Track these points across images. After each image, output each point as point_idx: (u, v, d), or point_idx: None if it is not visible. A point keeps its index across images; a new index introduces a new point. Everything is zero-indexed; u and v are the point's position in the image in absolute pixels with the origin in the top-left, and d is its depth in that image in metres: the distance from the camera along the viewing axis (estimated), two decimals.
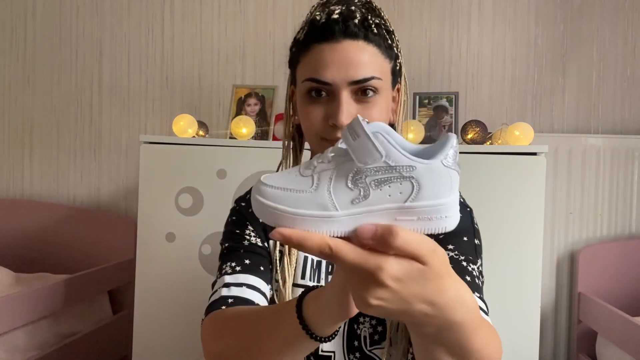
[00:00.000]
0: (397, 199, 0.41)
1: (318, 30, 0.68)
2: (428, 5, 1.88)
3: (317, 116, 0.70)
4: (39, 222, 1.99)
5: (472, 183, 1.26)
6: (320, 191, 0.41)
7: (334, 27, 0.67)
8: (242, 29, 1.94)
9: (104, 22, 2.02)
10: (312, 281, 0.78)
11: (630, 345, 1.36)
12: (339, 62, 0.67)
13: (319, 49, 0.68)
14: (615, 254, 1.73)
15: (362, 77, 0.67)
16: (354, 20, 0.67)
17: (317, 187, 0.42)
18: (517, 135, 1.34)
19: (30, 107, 2.08)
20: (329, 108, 0.69)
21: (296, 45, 0.73)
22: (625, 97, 1.87)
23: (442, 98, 1.51)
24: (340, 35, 0.67)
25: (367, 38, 0.68)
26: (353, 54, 0.67)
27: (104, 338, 1.72)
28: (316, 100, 0.70)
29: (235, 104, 1.61)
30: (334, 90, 0.68)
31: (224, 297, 0.72)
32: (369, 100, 0.69)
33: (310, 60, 0.70)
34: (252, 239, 0.80)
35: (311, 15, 0.73)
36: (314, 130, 0.71)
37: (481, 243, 0.80)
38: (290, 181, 0.42)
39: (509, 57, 1.88)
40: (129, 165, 2.02)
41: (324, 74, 0.67)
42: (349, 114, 0.67)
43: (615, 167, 1.77)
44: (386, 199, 0.41)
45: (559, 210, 1.77)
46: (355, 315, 0.74)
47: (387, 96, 0.72)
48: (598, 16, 1.86)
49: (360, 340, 0.76)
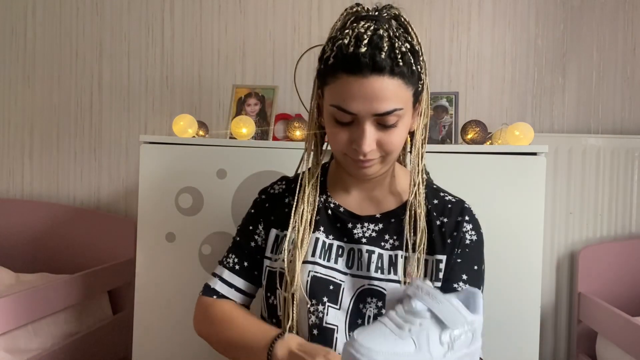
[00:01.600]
0: (465, 346, 0.55)
1: (347, 60, 0.72)
2: (428, 5, 1.88)
3: (342, 138, 0.78)
4: (39, 222, 1.98)
5: (472, 183, 1.26)
6: (422, 351, 0.51)
7: (361, 61, 0.71)
8: (242, 29, 1.94)
9: (104, 22, 2.02)
10: (321, 259, 0.84)
11: (630, 345, 1.36)
12: (364, 95, 0.73)
13: (346, 80, 0.73)
14: (615, 254, 1.73)
15: (385, 110, 0.73)
16: (381, 54, 0.71)
17: (420, 348, 0.51)
18: (517, 135, 1.34)
19: (30, 107, 2.08)
20: (353, 133, 0.77)
21: (325, 64, 0.77)
22: (625, 97, 1.87)
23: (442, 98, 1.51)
24: (367, 71, 0.71)
25: (392, 72, 0.72)
26: (378, 89, 0.72)
27: (104, 338, 1.72)
28: (342, 125, 0.77)
29: (235, 104, 1.61)
30: (358, 120, 0.75)
31: (216, 290, 0.91)
32: (390, 128, 0.76)
33: (337, 89, 0.75)
34: (258, 240, 0.92)
35: (340, 34, 0.76)
36: (339, 148, 0.80)
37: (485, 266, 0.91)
38: (392, 344, 0.51)
39: (509, 57, 1.88)
40: (129, 165, 2.02)
41: (350, 106, 0.74)
42: (371, 141, 0.76)
43: (615, 167, 1.77)
44: (460, 346, 0.55)
45: (559, 210, 1.77)
46: (363, 295, 0.82)
47: (407, 119, 0.79)
48: (598, 16, 1.86)
49: (365, 320, 0.81)
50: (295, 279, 0.80)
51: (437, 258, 0.84)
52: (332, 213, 0.88)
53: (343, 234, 0.86)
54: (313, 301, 0.81)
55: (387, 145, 0.77)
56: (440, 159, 1.28)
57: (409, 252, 0.82)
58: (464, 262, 0.85)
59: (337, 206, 0.89)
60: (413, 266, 0.81)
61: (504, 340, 1.25)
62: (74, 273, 1.62)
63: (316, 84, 0.84)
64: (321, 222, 0.87)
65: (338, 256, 0.85)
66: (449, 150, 1.30)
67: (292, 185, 0.93)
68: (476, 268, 0.86)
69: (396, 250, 0.83)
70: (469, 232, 0.87)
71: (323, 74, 0.78)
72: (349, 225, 0.86)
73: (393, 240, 0.85)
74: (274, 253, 0.89)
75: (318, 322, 0.80)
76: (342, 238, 0.86)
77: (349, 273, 0.83)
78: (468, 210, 0.89)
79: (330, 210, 0.88)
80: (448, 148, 1.32)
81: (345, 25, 0.77)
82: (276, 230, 0.90)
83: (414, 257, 0.81)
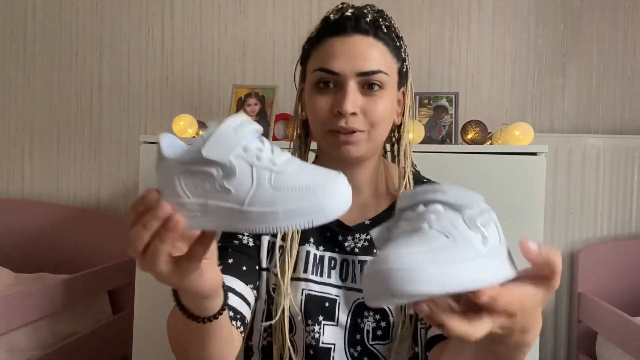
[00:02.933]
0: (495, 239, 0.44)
1: (330, 25, 0.73)
2: (428, 5, 1.88)
3: (323, 106, 0.73)
4: (39, 222, 1.98)
5: (472, 183, 1.26)
6: (459, 240, 0.41)
7: (345, 22, 0.72)
8: (242, 29, 1.94)
9: (104, 22, 2.02)
10: (314, 275, 0.79)
11: (630, 345, 1.36)
12: (348, 53, 0.71)
13: (330, 42, 0.73)
14: (615, 254, 1.73)
15: (370, 69, 0.71)
16: (365, 19, 0.72)
17: (454, 238, 0.41)
18: (517, 135, 1.34)
19: (30, 107, 2.08)
20: (336, 98, 0.73)
21: (309, 42, 0.78)
22: (625, 97, 1.87)
23: (442, 98, 1.51)
24: (351, 30, 0.72)
25: (376, 35, 0.73)
26: (362, 47, 0.72)
27: (104, 338, 1.71)
28: (324, 91, 0.74)
29: (235, 104, 1.61)
30: (341, 81, 0.72)
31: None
32: (375, 94, 0.73)
33: (321, 53, 0.74)
34: (243, 239, 0.81)
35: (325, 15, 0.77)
36: (320, 120, 0.74)
37: None
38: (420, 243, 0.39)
39: (509, 57, 1.88)
40: (129, 165, 2.02)
41: (332, 64, 0.71)
42: (354, 102, 0.71)
43: (615, 167, 1.77)
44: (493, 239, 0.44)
45: (558, 210, 1.77)
46: (359, 309, 0.78)
47: (392, 94, 0.76)
48: (598, 16, 1.86)
49: (363, 334, 0.78)
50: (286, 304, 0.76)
51: None
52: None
53: (334, 244, 0.82)
54: (309, 321, 0.77)
55: (372, 112, 0.72)
56: (440, 159, 1.28)
57: None
58: None
59: None
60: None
61: None
62: (74, 273, 1.62)
63: (300, 76, 0.82)
64: (310, 233, 0.82)
65: (331, 269, 0.80)
66: (449, 150, 1.30)
67: None
68: None
69: None
70: None
71: (307, 49, 0.78)
72: (339, 237, 0.81)
73: None
74: (270, 263, 0.82)
75: (314, 343, 0.77)
76: (333, 249, 0.81)
77: (343, 286, 0.80)
78: None
79: None
80: (448, 148, 1.32)
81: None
82: (268, 237, 0.83)
83: None
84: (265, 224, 0.41)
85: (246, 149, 0.43)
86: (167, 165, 0.43)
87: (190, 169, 0.42)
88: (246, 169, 0.42)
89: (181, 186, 0.42)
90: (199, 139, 0.43)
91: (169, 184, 0.43)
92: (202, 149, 0.42)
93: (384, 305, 0.42)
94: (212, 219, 0.42)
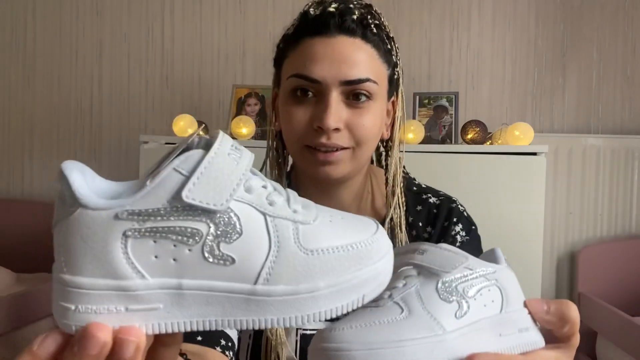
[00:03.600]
0: (492, 309, 0.36)
1: (310, 23, 0.61)
2: (428, 5, 1.88)
3: (300, 119, 0.61)
4: (39, 222, 1.98)
5: (472, 183, 1.26)
6: (415, 314, 0.33)
7: (328, 20, 0.60)
8: (242, 29, 1.94)
9: (104, 22, 2.02)
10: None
11: (630, 345, 1.36)
12: (331, 57, 0.59)
13: (309, 43, 0.61)
14: (615, 254, 1.73)
15: (357, 77, 0.59)
16: (351, 16, 0.60)
17: (410, 310, 0.33)
18: (517, 135, 1.34)
19: (30, 107, 2.08)
20: (315, 110, 0.61)
21: (284, 40, 0.66)
22: (625, 97, 1.87)
23: (442, 98, 1.51)
24: (335, 30, 0.60)
25: (365, 37, 0.61)
26: (348, 50, 0.59)
27: None
28: (301, 101, 0.62)
29: (235, 104, 1.61)
30: (322, 90, 0.60)
31: None
32: (362, 106, 0.61)
33: (298, 55, 0.62)
34: None
35: (304, 10, 0.65)
36: (296, 135, 0.62)
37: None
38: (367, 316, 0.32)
39: (509, 57, 1.88)
40: (129, 165, 2.02)
41: (312, 70, 0.59)
42: (338, 116, 0.59)
43: (615, 167, 1.77)
44: (483, 309, 0.36)
45: (559, 210, 1.77)
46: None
47: (381, 105, 0.65)
48: (598, 16, 1.86)
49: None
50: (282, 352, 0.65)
51: None
52: None
53: None
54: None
55: (358, 128, 0.61)
56: (440, 159, 1.28)
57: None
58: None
59: None
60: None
61: None
62: None
63: (273, 80, 0.71)
64: None
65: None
66: (449, 150, 1.30)
67: None
68: None
69: None
70: (459, 234, 0.74)
71: (282, 50, 0.66)
72: None
73: None
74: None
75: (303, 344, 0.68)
76: None
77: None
78: (455, 210, 0.75)
79: None
80: (448, 148, 1.32)
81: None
82: None
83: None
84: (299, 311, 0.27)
85: (250, 190, 0.28)
86: (90, 221, 0.27)
87: (150, 227, 0.26)
88: (257, 221, 0.27)
89: (128, 258, 0.26)
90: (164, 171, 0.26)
91: (97, 254, 0.27)
92: (182, 189, 0.26)
93: None
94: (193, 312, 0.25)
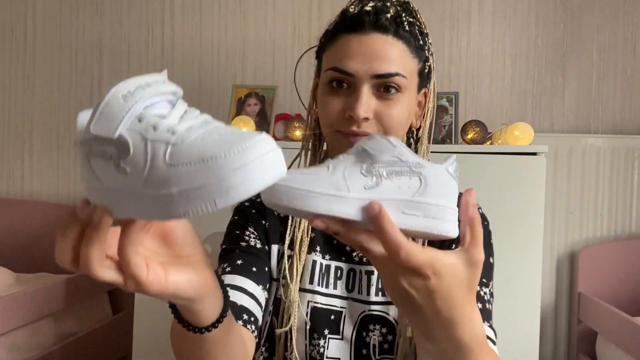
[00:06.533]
0: (405, 193, 0.44)
1: (348, 20, 0.68)
2: (428, 5, 1.88)
3: (335, 107, 0.69)
4: (39, 222, 1.98)
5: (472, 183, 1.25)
6: (335, 174, 0.43)
7: (364, 18, 0.66)
8: (242, 29, 1.94)
9: (104, 22, 2.02)
10: (320, 286, 0.76)
11: (630, 345, 1.36)
12: (364, 53, 0.66)
13: (346, 39, 0.68)
14: (615, 254, 1.73)
15: (386, 71, 0.66)
16: (386, 15, 0.66)
17: (333, 171, 0.43)
18: (517, 135, 1.34)
19: (30, 107, 2.08)
20: (348, 100, 0.68)
21: (325, 35, 0.73)
22: (625, 97, 1.87)
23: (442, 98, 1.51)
24: (369, 28, 0.66)
25: (397, 34, 0.67)
26: (380, 47, 0.66)
27: (104, 338, 1.71)
28: (336, 91, 0.69)
29: (235, 104, 1.61)
30: (355, 83, 0.67)
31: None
32: (391, 98, 0.68)
33: (335, 50, 0.69)
34: (250, 241, 0.77)
35: (345, 7, 0.72)
36: (330, 121, 0.70)
37: (494, 259, 0.83)
38: (308, 169, 0.44)
39: (509, 57, 1.88)
40: None
41: (347, 64, 0.67)
42: (367, 107, 0.66)
43: (615, 167, 1.77)
44: (396, 190, 0.43)
45: (559, 210, 1.77)
46: (364, 322, 0.75)
47: (410, 97, 0.71)
48: (598, 16, 1.86)
49: (369, 349, 0.75)
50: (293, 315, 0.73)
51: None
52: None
53: (341, 253, 0.79)
54: (314, 335, 0.74)
55: (387, 118, 0.68)
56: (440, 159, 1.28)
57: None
58: None
59: None
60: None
61: (504, 340, 1.24)
62: (74, 273, 1.63)
63: (315, 70, 0.77)
64: (317, 241, 0.78)
65: (337, 279, 0.77)
66: (449, 150, 1.30)
67: None
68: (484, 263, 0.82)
69: None
70: None
71: (322, 44, 0.73)
72: (347, 247, 0.78)
73: None
74: (279, 274, 0.79)
75: (318, 357, 0.74)
76: (340, 258, 0.78)
77: (349, 297, 0.77)
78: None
79: None
80: (448, 148, 1.32)
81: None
82: (277, 246, 0.79)
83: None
84: (163, 209, 0.34)
85: (141, 118, 0.37)
86: (77, 145, 0.38)
87: (93, 149, 0.37)
88: (140, 144, 0.35)
89: (92, 170, 0.37)
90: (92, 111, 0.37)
91: (84, 167, 0.38)
92: (90, 125, 0.36)
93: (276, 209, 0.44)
94: (125, 207, 0.36)
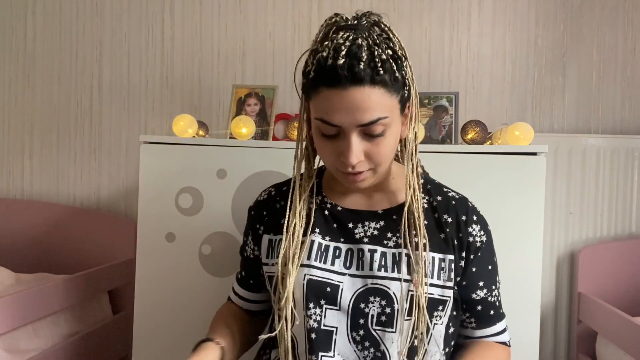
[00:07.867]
0: None
1: (326, 74, 0.72)
2: (428, 5, 1.88)
3: (329, 151, 0.78)
4: (39, 222, 1.98)
5: (472, 183, 1.26)
6: None
7: (340, 74, 0.70)
8: (242, 29, 1.94)
9: (104, 22, 2.02)
10: (317, 262, 0.83)
11: (630, 345, 1.36)
12: (346, 107, 0.72)
13: (327, 93, 0.72)
14: (615, 254, 1.73)
15: (369, 120, 0.72)
16: (359, 65, 0.70)
17: None
18: (517, 135, 1.34)
19: (30, 107, 2.08)
20: (340, 144, 0.76)
21: (307, 78, 0.76)
22: (625, 97, 1.87)
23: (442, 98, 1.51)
24: (346, 82, 0.70)
25: (373, 81, 0.71)
26: (359, 99, 0.71)
27: (104, 338, 1.71)
28: (329, 137, 0.77)
29: (235, 104, 1.61)
30: (344, 130, 0.74)
31: (230, 297, 1.04)
32: (378, 138, 0.75)
33: (320, 102, 0.74)
34: (249, 253, 0.97)
35: (320, 46, 0.74)
36: (328, 163, 0.81)
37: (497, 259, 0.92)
38: None
39: (509, 57, 1.88)
40: (129, 165, 2.02)
41: (332, 118, 0.73)
42: (358, 153, 0.75)
43: (615, 167, 1.77)
44: None
45: (559, 210, 1.77)
46: (365, 294, 0.81)
47: (396, 127, 0.78)
48: (598, 16, 1.86)
49: (367, 319, 0.80)
50: (290, 284, 0.80)
51: (449, 258, 0.84)
52: (328, 214, 0.87)
53: (340, 235, 0.86)
54: (310, 305, 0.81)
55: (376, 156, 0.76)
56: (440, 159, 1.28)
57: (411, 250, 0.81)
58: (480, 268, 0.86)
59: (334, 206, 0.88)
60: (420, 265, 0.79)
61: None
62: (74, 273, 1.62)
63: (302, 97, 0.82)
64: (317, 224, 0.86)
65: (335, 257, 0.84)
66: (449, 150, 1.30)
67: (284, 188, 0.93)
68: (490, 267, 0.88)
69: (400, 249, 0.82)
70: (478, 234, 0.86)
71: (307, 88, 0.77)
72: (349, 225, 0.86)
73: (396, 237, 0.83)
74: (270, 258, 0.90)
75: (316, 326, 0.80)
76: (339, 239, 0.85)
77: (348, 273, 0.83)
78: (473, 209, 0.88)
79: (327, 211, 0.88)
80: (448, 148, 1.32)
81: (326, 37, 0.75)
82: (268, 236, 0.91)
83: (418, 256, 0.80)
84: None
85: None
86: None
87: None
88: None
89: None
90: None
91: None
92: None
93: None
94: None
